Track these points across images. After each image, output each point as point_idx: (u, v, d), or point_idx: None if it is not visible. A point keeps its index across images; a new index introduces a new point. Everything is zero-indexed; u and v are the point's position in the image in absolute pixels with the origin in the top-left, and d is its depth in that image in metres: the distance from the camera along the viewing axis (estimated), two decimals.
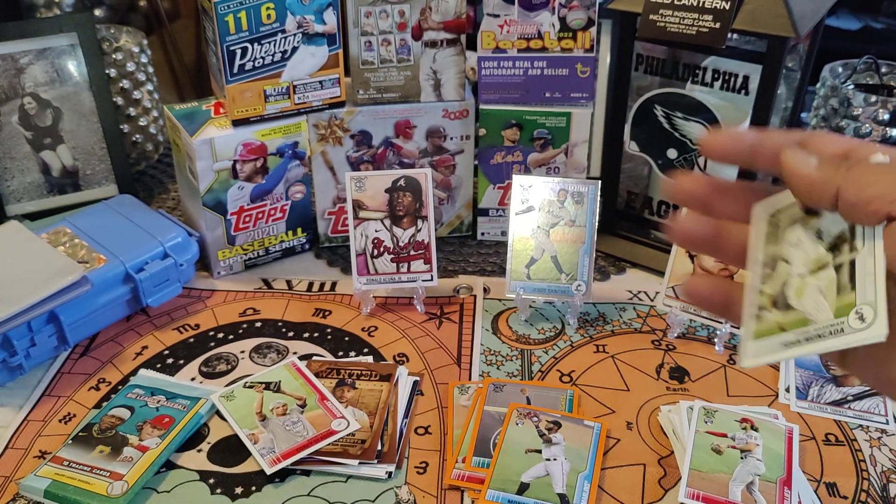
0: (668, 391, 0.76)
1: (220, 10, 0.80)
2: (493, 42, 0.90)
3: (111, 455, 0.67)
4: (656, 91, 0.88)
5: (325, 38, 0.87)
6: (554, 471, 0.65)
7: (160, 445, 0.67)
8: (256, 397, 0.73)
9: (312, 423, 0.70)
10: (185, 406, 0.72)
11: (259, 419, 0.71)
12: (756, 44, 0.84)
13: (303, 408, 0.72)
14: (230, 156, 0.87)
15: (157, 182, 1.15)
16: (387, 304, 0.88)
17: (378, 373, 0.76)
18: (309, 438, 0.69)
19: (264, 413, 0.72)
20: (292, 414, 0.71)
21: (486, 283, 0.92)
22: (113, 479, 0.64)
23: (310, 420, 0.71)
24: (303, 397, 0.73)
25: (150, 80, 1.13)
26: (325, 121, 0.91)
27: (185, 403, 0.72)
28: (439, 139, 0.94)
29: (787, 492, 0.63)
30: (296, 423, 0.70)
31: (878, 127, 0.95)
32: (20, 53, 0.97)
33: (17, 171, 1.00)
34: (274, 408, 0.72)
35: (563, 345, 0.82)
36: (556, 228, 0.83)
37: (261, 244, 0.94)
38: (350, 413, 0.71)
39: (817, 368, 0.78)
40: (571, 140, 0.93)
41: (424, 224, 0.85)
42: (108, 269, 0.82)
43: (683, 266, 0.81)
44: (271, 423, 0.71)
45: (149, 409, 0.72)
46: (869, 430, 0.72)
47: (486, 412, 0.72)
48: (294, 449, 0.68)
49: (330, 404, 0.72)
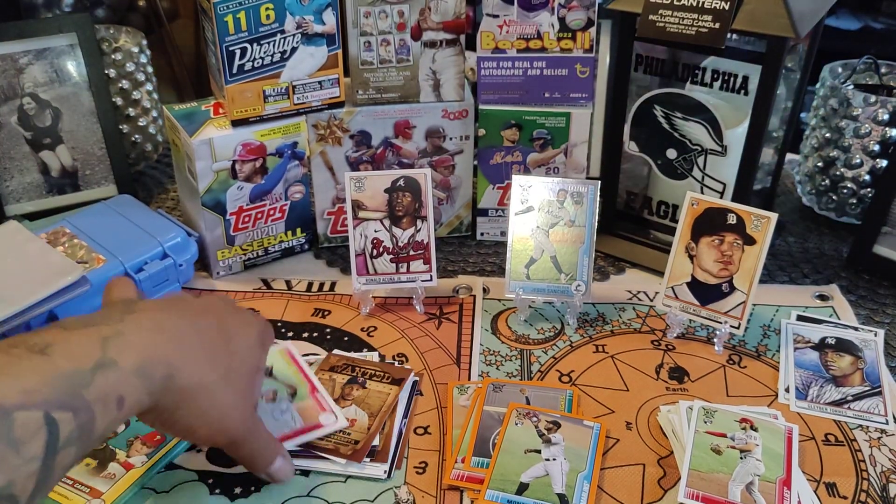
0: (667, 391, 0.76)
1: (220, 10, 0.80)
2: (493, 42, 0.90)
3: (96, 469, 0.65)
4: (656, 91, 0.88)
5: (325, 38, 0.87)
6: (553, 471, 0.65)
7: (145, 465, 0.66)
8: None
9: (301, 413, 0.69)
10: None
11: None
12: (756, 44, 0.84)
13: (293, 396, 0.71)
14: (229, 156, 0.87)
15: (157, 182, 1.15)
16: (386, 304, 0.88)
17: (391, 376, 0.76)
18: (295, 430, 0.68)
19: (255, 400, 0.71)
20: (281, 402, 0.70)
21: (486, 283, 0.92)
22: (91, 496, 0.63)
23: (298, 410, 0.70)
24: (294, 386, 0.72)
25: (150, 81, 1.13)
26: (325, 121, 0.91)
27: None
28: (439, 139, 0.94)
29: (786, 492, 0.63)
30: (284, 411, 0.69)
31: (878, 127, 0.95)
32: (19, 54, 0.97)
33: (16, 171, 1.00)
34: (263, 393, 0.71)
35: (562, 345, 0.82)
36: (556, 228, 0.83)
37: (260, 244, 0.94)
38: (352, 411, 0.71)
39: (817, 368, 0.78)
40: (571, 140, 0.93)
41: (424, 224, 0.85)
42: (108, 269, 0.82)
43: (683, 266, 0.81)
44: (261, 408, 0.69)
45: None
46: (869, 430, 0.72)
47: (485, 412, 0.72)
48: (282, 437, 0.67)
49: (320, 396, 0.71)
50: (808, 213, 1.07)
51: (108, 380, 0.47)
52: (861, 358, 0.79)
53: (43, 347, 0.46)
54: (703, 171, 0.89)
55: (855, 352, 0.80)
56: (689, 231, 0.80)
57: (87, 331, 0.49)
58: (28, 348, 0.46)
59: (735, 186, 0.87)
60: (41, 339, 0.47)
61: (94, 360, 0.47)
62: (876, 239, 0.92)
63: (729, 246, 0.78)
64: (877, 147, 0.95)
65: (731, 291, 0.79)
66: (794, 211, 1.08)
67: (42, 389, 0.44)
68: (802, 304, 0.88)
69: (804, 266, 0.96)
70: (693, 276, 0.80)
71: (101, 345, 0.49)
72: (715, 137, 0.87)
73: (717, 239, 0.79)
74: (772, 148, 0.98)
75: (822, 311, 0.87)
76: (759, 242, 0.77)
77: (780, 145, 0.97)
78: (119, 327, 0.51)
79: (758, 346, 0.82)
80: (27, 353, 0.45)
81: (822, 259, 0.97)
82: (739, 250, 0.78)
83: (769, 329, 0.84)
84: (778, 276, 0.94)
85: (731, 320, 0.79)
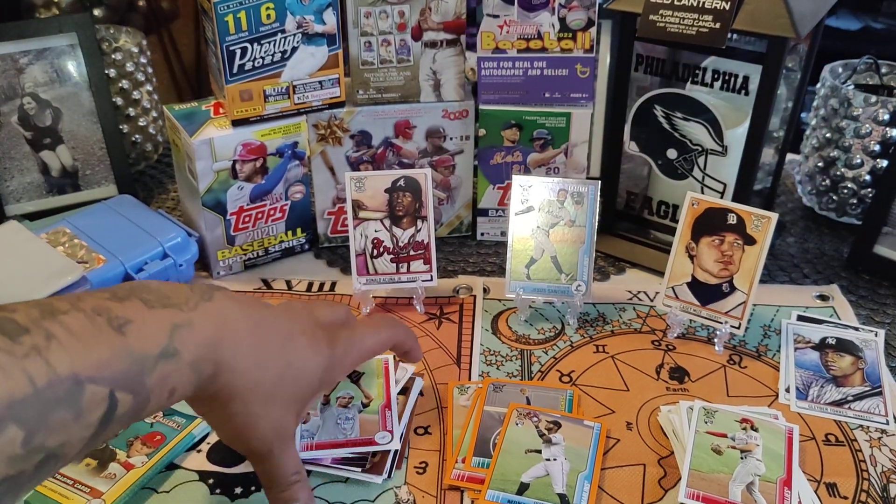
0: (667, 391, 0.76)
1: (220, 10, 0.80)
2: (493, 42, 0.90)
3: (97, 469, 0.65)
4: (656, 91, 0.88)
5: (325, 38, 0.87)
6: (554, 471, 0.65)
7: (145, 465, 0.66)
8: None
9: (362, 425, 0.68)
10: (179, 425, 0.70)
11: (322, 402, 0.70)
12: (756, 44, 0.84)
13: (364, 407, 0.70)
14: (230, 156, 0.87)
15: (157, 182, 1.15)
16: (386, 304, 0.88)
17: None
18: (349, 440, 0.67)
19: (329, 398, 0.70)
20: (351, 410, 0.70)
21: (486, 283, 0.92)
22: (92, 496, 0.63)
23: (361, 422, 0.69)
24: (371, 397, 0.71)
25: (150, 81, 1.13)
26: (325, 121, 0.91)
27: (180, 422, 0.70)
28: (439, 139, 0.94)
29: (787, 492, 0.63)
30: (349, 419, 0.69)
31: (879, 127, 0.95)
32: (19, 54, 0.97)
33: (16, 171, 1.00)
34: (340, 396, 0.71)
35: (562, 345, 0.82)
36: (556, 228, 0.83)
37: (260, 244, 0.94)
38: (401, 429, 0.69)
39: (817, 369, 0.78)
40: (571, 140, 0.93)
41: (424, 224, 0.85)
42: (108, 269, 0.82)
43: (683, 266, 0.81)
44: (329, 411, 0.69)
45: (143, 423, 0.70)
46: (869, 430, 0.72)
47: (485, 412, 0.72)
48: (331, 444, 0.66)
49: (389, 415, 0.69)
50: (808, 214, 1.07)
51: (168, 369, 0.49)
52: (861, 358, 0.79)
53: (121, 324, 0.48)
54: (704, 171, 0.89)
55: (855, 352, 0.80)
56: (690, 231, 0.80)
57: (164, 313, 0.50)
58: (109, 321, 0.47)
59: (735, 186, 0.87)
60: (123, 313, 0.48)
61: (161, 346, 0.49)
62: (876, 239, 0.92)
63: (729, 246, 0.78)
64: (877, 147, 0.95)
65: (732, 291, 0.79)
66: (795, 211, 1.08)
67: (113, 367, 0.46)
68: (803, 305, 0.88)
69: (804, 266, 0.96)
70: (693, 277, 0.80)
71: (170, 331, 0.50)
72: (715, 137, 0.87)
73: (717, 239, 0.79)
74: (772, 148, 0.98)
75: (823, 311, 0.87)
76: (760, 242, 0.77)
77: (781, 145, 0.97)
78: (191, 316, 0.52)
79: (758, 347, 0.82)
80: (107, 327, 0.47)
81: (823, 259, 0.97)
82: (740, 250, 0.78)
83: (769, 329, 0.84)
84: (778, 276, 0.94)
85: (732, 320, 0.79)
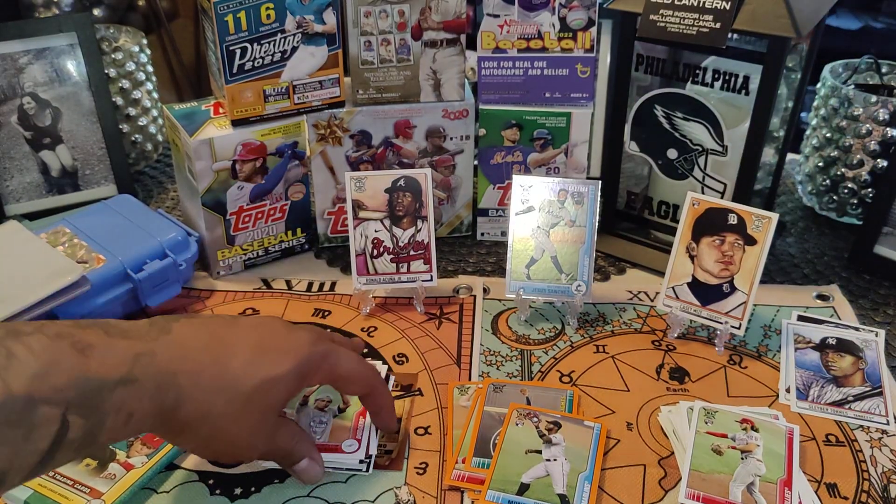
0: (668, 391, 0.76)
1: (220, 9, 0.80)
2: (493, 42, 0.90)
3: (97, 469, 0.65)
4: (656, 91, 0.88)
5: (325, 37, 0.87)
6: (554, 471, 0.65)
7: (145, 465, 0.66)
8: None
9: (333, 431, 0.69)
10: None
11: (300, 402, 0.70)
12: (756, 44, 0.83)
13: (340, 412, 0.70)
14: (229, 156, 0.86)
15: (157, 182, 1.15)
16: (386, 305, 0.88)
17: (399, 384, 0.75)
18: (317, 444, 0.67)
19: (308, 399, 0.71)
20: (327, 413, 0.70)
21: (486, 283, 0.91)
22: (92, 496, 0.63)
23: (334, 427, 0.69)
24: (349, 403, 0.71)
25: (150, 80, 1.13)
26: (325, 121, 0.91)
27: None
28: (439, 139, 0.94)
29: (787, 492, 0.63)
30: (322, 423, 0.69)
31: (879, 127, 0.95)
32: (19, 53, 0.97)
33: (16, 170, 1.00)
34: (319, 399, 0.71)
35: (562, 345, 0.82)
36: (556, 228, 0.83)
37: (260, 244, 0.94)
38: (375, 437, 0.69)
39: (818, 369, 0.78)
40: (571, 140, 0.93)
41: (424, 224, 0.85)
42: (108, 269, 0.82)
43: (684, 266, 0.80)
44: (305, 412, 0.69)
45: None
46: (869, 430, 0.72)
47: (485, 412, 0.72)
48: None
49: (362, 423, 0.69)
50: (808, 214, 1.07)
51: (126, 394, 0.49)
52: (862, 358, 0.79)
53: (84, 347, 0.48)
54: (704, 171, 0.89)
55: (856, 352, 0.80)
56: (690, 231, 0.80)
57: (126, 342, 0.51)
58: (72, 343, 0.47)
59: (736, 186, 0.87)
60: (86, 337, 0.49)
61: (121, 373, 0.49)
62: (877, 239, 0.92)
63: (730, 246, 0.78)
64: (877, 147, 0.95)
65: (732, 292, 0.78)
66: (795, 211, 1.08)
67: (69, 389, 0.46)
68: (803, 305, 0.88)
69: (805, 266, 0.96)
70: (694, 277, 0.80)
71: (132, 360, 0.50)
72: (716, 137, 0.87)
73: (717, 239, 0.79)
74: (772, 148, 0.98)
75: (823, 311, 0.87)
76: (760, 243, 0.77)
77: (781, 145, 0.97)
78: (153, 346, 0.52)
79: (758, 347, 0.82)
80: (70, 349, 0.47)
81: (823, 259, 0.97)
82: (740, 250, 0.78)
83: (770, 329, 0.84)
84: (779, 276, 0.94)
85: (732, 320, 0.79)
